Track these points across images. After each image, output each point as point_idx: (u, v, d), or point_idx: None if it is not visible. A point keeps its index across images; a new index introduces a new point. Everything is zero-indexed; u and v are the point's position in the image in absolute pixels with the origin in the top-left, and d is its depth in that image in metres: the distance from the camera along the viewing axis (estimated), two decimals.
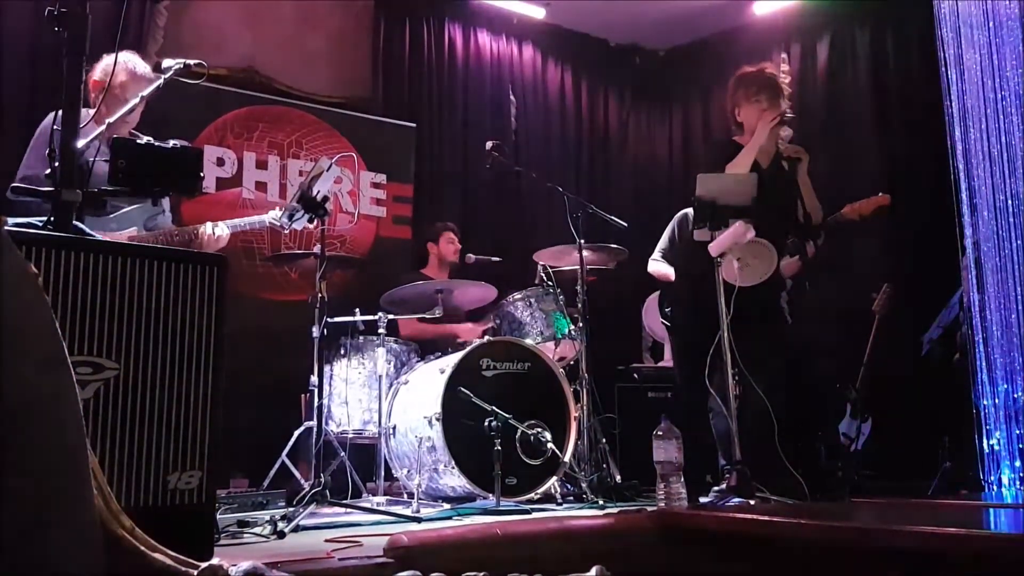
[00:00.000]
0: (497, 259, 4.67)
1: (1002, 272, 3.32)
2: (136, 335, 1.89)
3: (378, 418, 3.68)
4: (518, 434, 3.42)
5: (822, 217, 3.55)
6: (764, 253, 3.24)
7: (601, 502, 3.34)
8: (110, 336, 1.86)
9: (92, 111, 2.77)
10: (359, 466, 3.72)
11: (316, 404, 3.12)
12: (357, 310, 3.85)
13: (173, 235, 3.04)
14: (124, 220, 2.94)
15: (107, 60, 3.03)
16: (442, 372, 3.48)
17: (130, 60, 3.04)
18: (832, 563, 1.94)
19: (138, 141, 2.36)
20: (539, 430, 3.45)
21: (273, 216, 3.26)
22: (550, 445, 3.43)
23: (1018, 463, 3.22)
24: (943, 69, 3.53)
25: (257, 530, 2.56)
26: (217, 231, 3.10)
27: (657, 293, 4.29)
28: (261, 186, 4.77)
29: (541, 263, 4.06)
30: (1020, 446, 3.23)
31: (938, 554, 1.67)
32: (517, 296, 4.05)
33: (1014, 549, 1.59)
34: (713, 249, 3.18)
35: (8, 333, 1.14)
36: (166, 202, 3.13)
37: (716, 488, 3.10)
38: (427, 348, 4.07)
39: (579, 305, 3.83)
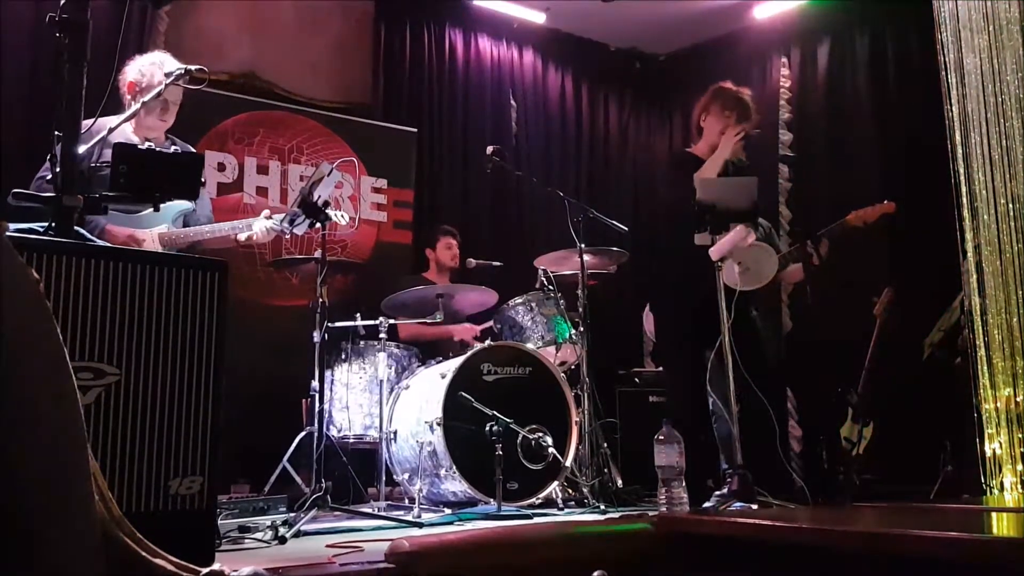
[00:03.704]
0: (498, 263, 4.67)
1: (1003, 276, 3.31)
2: (137, 340, 1.89)
3: (379, 423, 3.67)
4: (519, 439, 3.41)
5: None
6: (764, 257, 3.25)
7: (603, 507, 3.33)
8: (111, 342, 1.86)
9: (126, 112, 2.78)
10: (360, 471, 3.72)
11: (317, 409, 3.12)
12: (358, 315, 3.85)
13: (206, 233, 3.01)
14: (153, 217, 2.93)
15: (140, 61, 3.03)
16: (443, 377, 3.48)
17: (166, 60, 3.02)
18: (834, 568, 1.94)
19: (139, 146, 2.36)
20: (540, 435, 3.44)
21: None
22: (551, 450, 3.43)
23: (1020, 467, 3.22)
24: (943, 73, 3.53)
25: (258, 535, 2.55)
26: (263, 226, 3.07)
27: None
28: (262, 191, 4.77)
29: (542, 267, 4.05)
30: (1022, 450, 3.23)
31: (940, 559, 1.67)
32: (518, 300, 4.04)
33: (1016, 553, 1.59)
34: (714, 253, 3.18)
35: (9, 339, 1.14)
36: (207, 200, 3.11)
37: (718, 492, 3.10)
38: (428, 352, 4.07)
39: (580, 309, 3.82)
